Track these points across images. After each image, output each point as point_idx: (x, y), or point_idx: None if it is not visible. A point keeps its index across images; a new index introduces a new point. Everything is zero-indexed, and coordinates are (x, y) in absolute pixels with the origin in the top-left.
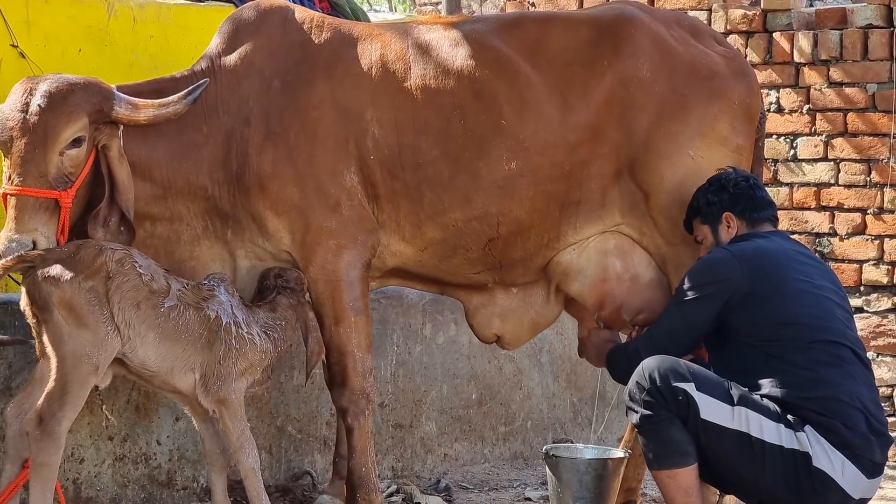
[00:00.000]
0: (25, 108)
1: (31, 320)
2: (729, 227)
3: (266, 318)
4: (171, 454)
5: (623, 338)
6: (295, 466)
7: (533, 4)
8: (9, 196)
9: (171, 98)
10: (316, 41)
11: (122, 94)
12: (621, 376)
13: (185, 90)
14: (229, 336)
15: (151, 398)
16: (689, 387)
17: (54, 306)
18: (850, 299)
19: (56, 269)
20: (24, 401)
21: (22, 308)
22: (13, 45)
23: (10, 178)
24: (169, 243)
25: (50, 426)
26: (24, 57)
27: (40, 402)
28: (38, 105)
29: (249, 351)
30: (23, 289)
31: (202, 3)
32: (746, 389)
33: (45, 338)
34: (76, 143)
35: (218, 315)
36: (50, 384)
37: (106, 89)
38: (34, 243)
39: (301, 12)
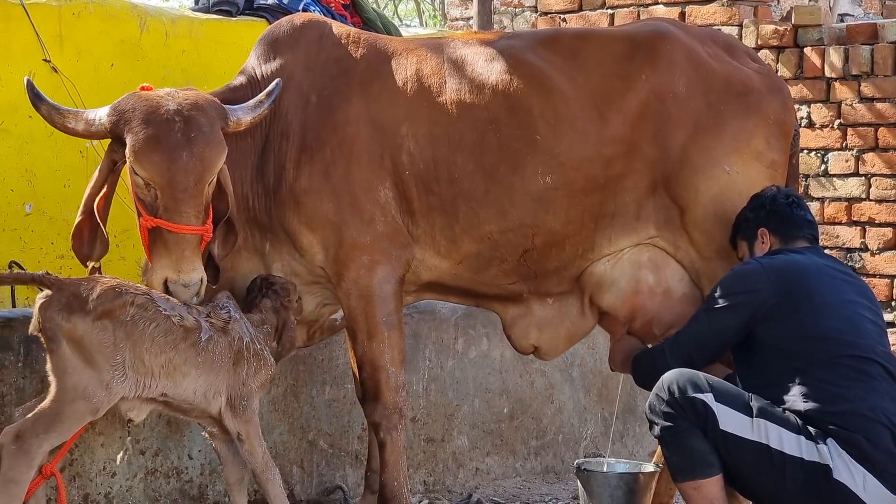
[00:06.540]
0: (184, 142)
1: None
2: (763, 242)
3: (256, 323)
4: (202, 468)
5: None
6: (326, 481)
7: (565, 20)
8: (170, 232)
9: (256, 99)
10: (352, 57)
11: (228, 107)
12: (646, 379)
13: (266, 90)
14: (249, 354)
15: None
16: (708, 397)
17: (63, 338)
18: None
19: (71, 303)
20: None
21: (30, 332)
22: (46, 60)
23: (167, 211)
24: None
25: (28, 444)
26: (56, 71)
27: (27, 418)
28: (195, 138)
29: (263, 367)
30: (35, 313)
31: (234, 19)
32: (768, 402)
33: (49, 364)
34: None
35: (241, 336)
36: (45, 405)
37: (223, 109)
38: (202, 281)
39: (338, 28)
